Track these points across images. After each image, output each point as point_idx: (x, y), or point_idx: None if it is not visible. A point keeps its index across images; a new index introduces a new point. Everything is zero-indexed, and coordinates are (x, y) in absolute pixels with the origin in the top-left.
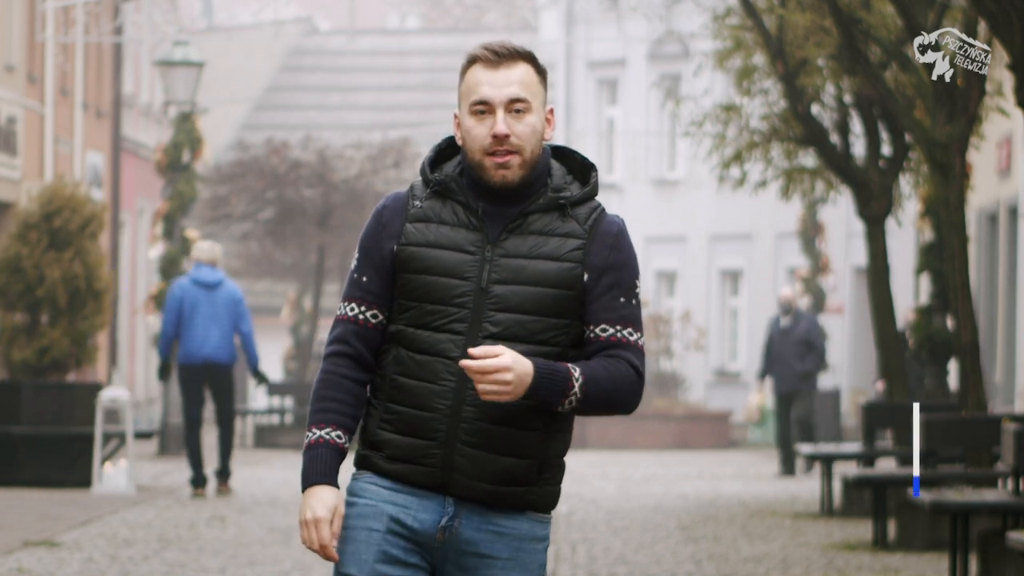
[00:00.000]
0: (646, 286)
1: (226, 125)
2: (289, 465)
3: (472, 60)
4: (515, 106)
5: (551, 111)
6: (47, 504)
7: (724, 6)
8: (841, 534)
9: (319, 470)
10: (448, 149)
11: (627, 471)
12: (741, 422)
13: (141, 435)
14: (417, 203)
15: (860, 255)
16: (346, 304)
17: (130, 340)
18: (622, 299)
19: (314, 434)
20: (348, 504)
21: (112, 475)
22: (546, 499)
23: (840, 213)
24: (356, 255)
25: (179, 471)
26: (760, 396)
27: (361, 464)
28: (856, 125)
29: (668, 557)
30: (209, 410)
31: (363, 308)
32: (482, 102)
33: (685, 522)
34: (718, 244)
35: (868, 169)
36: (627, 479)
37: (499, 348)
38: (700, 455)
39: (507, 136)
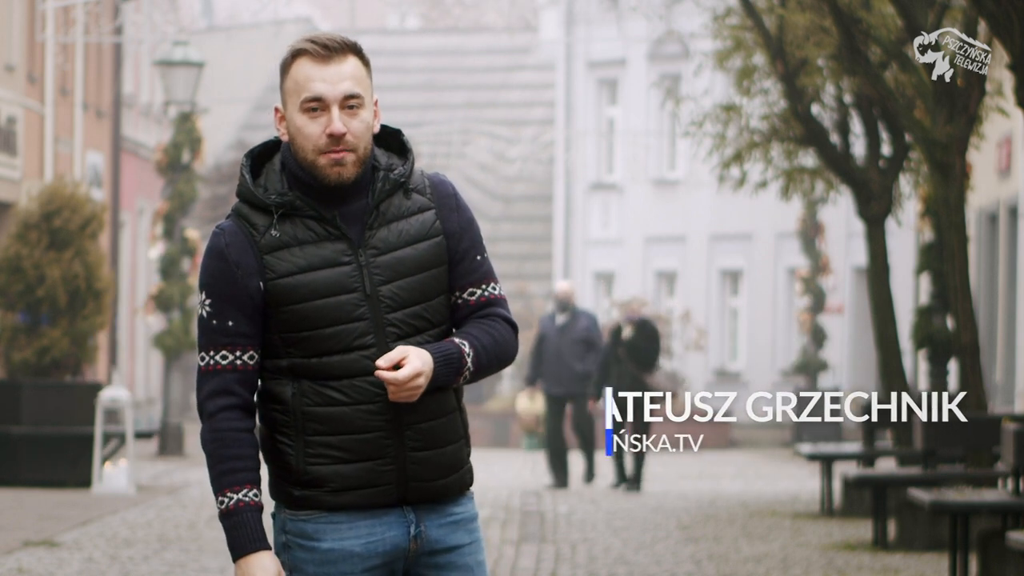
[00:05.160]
0: (646, 286)
1: (226, 125)
2: None
3: (297, 54)
4: (349, 102)
5: (376, 102)
6: (47, 504)
7: (724, 6)
8: (841, 534)
9: (249, 536)
10: (255, 162)
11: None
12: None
13: (141, 435)
14: (273, 232)
15: (860, 255)
16: (214, 353)
17: (130, 340)
18: (478, 257)
19: (230, 499)
20: (303, 548)
21: (112, 475)
22: (472, 472)
23: (840, 213)
24: (206, 302)
25: (179, 471)
26: (533, 402)
27: (300, 504)
28: (856, 125)
29: (668, 557)
30: None
31: (238, 353)
32: (315, 99)
33: (685, 522)
34: (718, 244)
35: (868, 169)
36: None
37: (399, 352)
38: (700, 455)
39: (344, 135)
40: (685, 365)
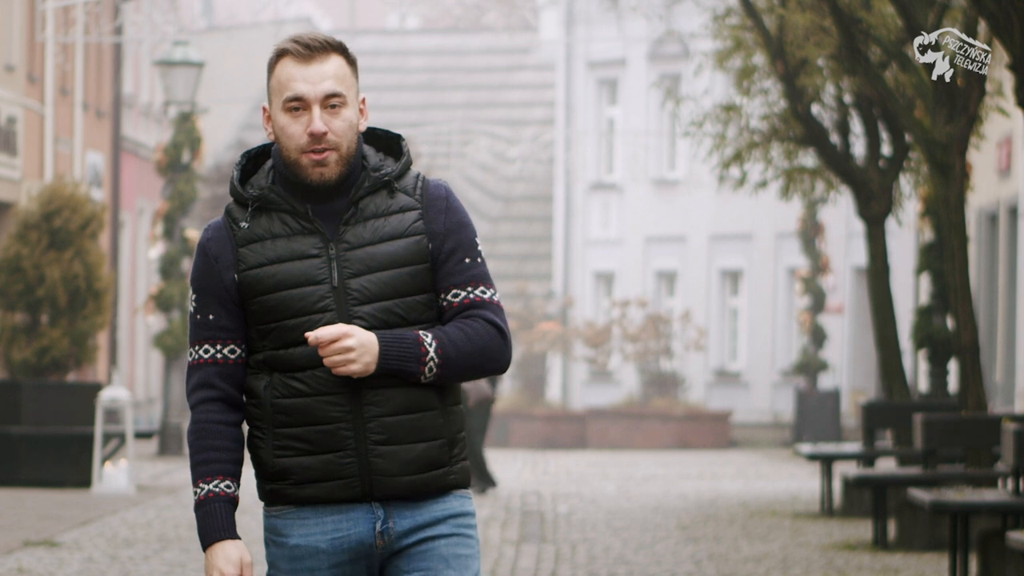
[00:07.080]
0: (646, 286)
1: (226, 125)
2: None
3: (281, 54)
4: (331, 101)
5: (363, 100)
6: (47, 504)
7: (724, 6)
8: (841, 534)
9: (216, 526)
10: (250, 163)
11: (627, 471)
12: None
13: (141, 435)
14: (244, 224)
15: (860, 255)
16: (198, 348)
17: (130, 340)
18: (467, 260)
19: (202, 489)
20: (275, 544)
21: (112, 475)
22: (463, 475)
23: (840, 213)
24: (193, 297)
25: (179, 471)
26: None
27: (271, 499)
28: (856, 125)
29: (668, 557)
30: None
31: (219, 346)
32: (296, 98)
33: (685, 522)
34: (718, 244)
35: (868, 169)
36: (627, 479)
37: (338, 327)
38: (700, 455)
39: (324, 134)
40: (685, 365)
